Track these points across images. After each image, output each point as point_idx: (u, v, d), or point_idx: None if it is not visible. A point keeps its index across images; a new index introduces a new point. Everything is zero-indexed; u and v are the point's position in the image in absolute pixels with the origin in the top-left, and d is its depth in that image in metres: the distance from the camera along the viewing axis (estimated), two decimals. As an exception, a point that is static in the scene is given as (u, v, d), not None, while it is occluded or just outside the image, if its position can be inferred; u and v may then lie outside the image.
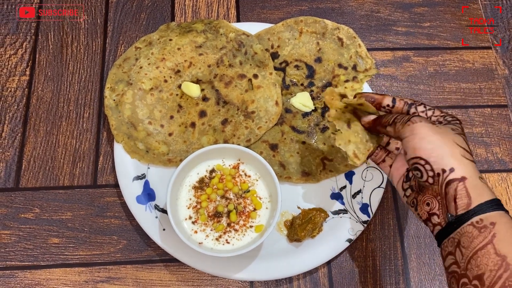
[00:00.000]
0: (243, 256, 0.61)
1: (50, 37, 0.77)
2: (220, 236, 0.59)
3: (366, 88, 0.71)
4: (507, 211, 0.43)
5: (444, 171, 0.44)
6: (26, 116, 0.71)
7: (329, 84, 0.72)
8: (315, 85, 0.72)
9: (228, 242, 0.59)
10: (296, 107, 0.71)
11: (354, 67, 0.73)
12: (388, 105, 0.54)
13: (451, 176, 0.44)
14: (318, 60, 0.74)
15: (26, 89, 0.73)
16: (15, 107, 0.72)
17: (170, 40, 0.73)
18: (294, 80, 0.73)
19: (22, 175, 0.68)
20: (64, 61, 0.75)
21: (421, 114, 0.51)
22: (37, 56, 0.75)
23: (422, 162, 0.45)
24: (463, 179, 0.44)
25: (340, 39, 0.74)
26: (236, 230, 0.60)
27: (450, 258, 0.44)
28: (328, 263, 0.65)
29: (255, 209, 0.61)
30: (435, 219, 0.46)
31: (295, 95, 0.71)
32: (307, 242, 0.64)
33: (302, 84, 0.73)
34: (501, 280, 0.38)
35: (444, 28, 0.82)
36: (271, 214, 0.61)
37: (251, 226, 0.60)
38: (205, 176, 0.63)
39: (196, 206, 0.61)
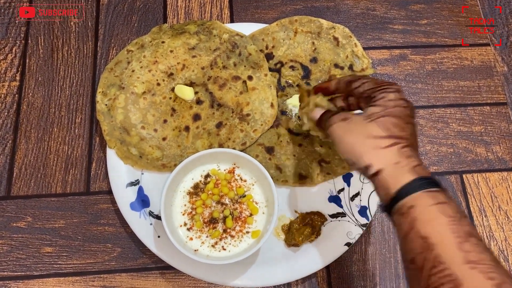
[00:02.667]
0: (240, 263, 0.59)
1: (40, 41, 0.75)
2: (216, 243, 0.58)
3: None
4: (433, 185, 0.42)
5: (366, 168, 0.45)
6: (17, 122, 0.70)
7: (325, 85, 0.71)
8: (311, 86, 0.71)
9: (224, 249, 0.58)
10: (292, 109, 0.69)
11: (351, 67, 0.71)
12: (337, 89, 0.55)
13: (370, 172, 0.45)
14: (314, 60, 0.72)
15: (16, 95, 0.72)
16: (5, 113, 0.70)
17: (163, 42, 0.71)
18: (290, 81, 0.71)
19: (13, 183, 0.67)
20: (54, 65, 0.74)
21: (357, 90, 0.51)
22: (27, 61, 0.74)
23: (350, 162, 0.47)
24: (378, 172, 0.44)
25: (335, 39, 0.72)
26: (232, 236, 0.59)
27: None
28: (327, 267, 0.64)
29: (251, 214, 0.60)
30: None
31: (291, 97, 0.70)
32: (305, 246, 0.62)
33: (298, 85, 0.71)
34: (429, 261, 0.39)
35: (442, 25, 0.80)
36: (268, 219, 0.59)
37: (247, 232, 0.59)
38: (200, 181, 0.62)
39: (191, 212, 0.60)
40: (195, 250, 0.58)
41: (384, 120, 0.46)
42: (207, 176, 0.62)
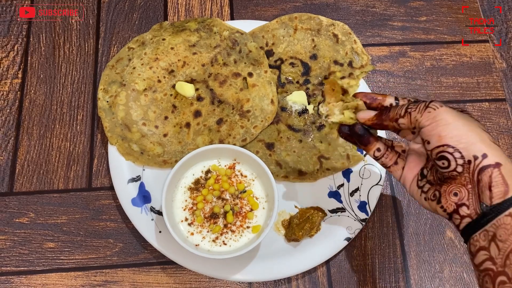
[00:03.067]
0: (241, 257, 0.60)
1: (42, 38, 0.76)
2: (216, 238, 0.59)
3: (362, 84, 0.70)
4: None
5: (476, 157, 0.40)
6: (19, 119, 0.71)
7: (325, 81, 0.71)
8: (310, 83, 0.71)
9: (225, 244, 0.58)
10: (292, 105, 0.70)
11: (350, 64, 0.72)
12: (391, 104, 0.49)
13: (485, 163, 0.40)
14: (314, 57, 0.73)
15: (18, 92, 0.72)
16: (8, 110, 0.71)
17: (163, 39, 0.72)
18: (290, 78, 0.72)
19: (16, 179, 0.67)
20: (56, 63, 0.74)
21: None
22: (29, 58, 0.74)
23: (450, 149, 0.41)
24: (497, 165, 0.39)
25: (335, 36, 0.73)
26: (233, 231, 0.59)
27: (482, 254, 0.39)
28: (327, 262, 0.64)
29: (251, 210, 0.60)
30: (464, 211, 0.41)
31: (290, 93, 0.70)
32: (305, 241, 0.63)
33: (297, 82, 0.72)
34: None
35: (441, 22, 0.81)
36: (268, 214, 0.60)
37: (248, 227, 0.59)
38: (201, 177, 0.62)
39: (192, 207, 0.60)
40: (196, 245, 0.58)
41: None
42: (208, 171, 0.62)
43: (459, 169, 0.41)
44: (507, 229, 0.37)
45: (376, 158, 0.52)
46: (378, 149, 0.51)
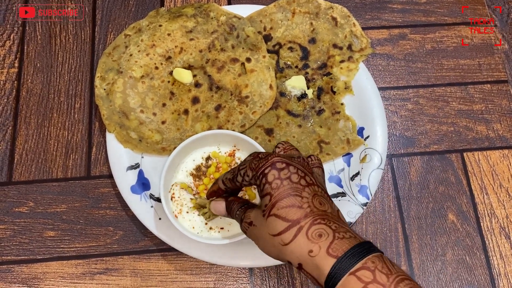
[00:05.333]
0: (242, 243, 0.60)
1: (38, 27, 0.75)
2: (211, 228, 0.58)
3: (362, 68, 0.70)
4: (358, 255, 0.38)
5: (300, 266, 0.40)
6: (17, 109, 0.70)
7: (324, 65, 0.70)
8: (310, 67, 0.71)
9: (222, 228, 0.58)
10: (291, 90, 0.69)
11: (349, 47, 0.71)
12: (226, 188, 0.51)
13: (295, 267, 0.41)
14: (312, 41, 0.72)
15: (15, 82, 0.72)
16: (5, 100, 0.70)
17: (160, 26, 0.71)
18: (288, 63, 0.71)
19: (14, 169, 0.67)
20: (53, 51, 0.74)
21: (243, 184, 0.47)
22: (25, 47, 0.74)
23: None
24: (300, 266, 0.40)
25: (334, 19, 0.72)
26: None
27: None
28: (328, 247, 0.64)
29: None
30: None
31: (289, 78, 0.70)
32: (305, 226, 0.62)
33: (296, 67, 0.71)
34: None
35: (441, 4, 0.79)
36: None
37: None
38: (202, 164, 0.62)
39: (194, 195, 0.60)
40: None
41: (276, 209, 0.41)
42: (208, 158, 0.62)
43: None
44: None
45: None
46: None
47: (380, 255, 0.39)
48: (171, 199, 0.58)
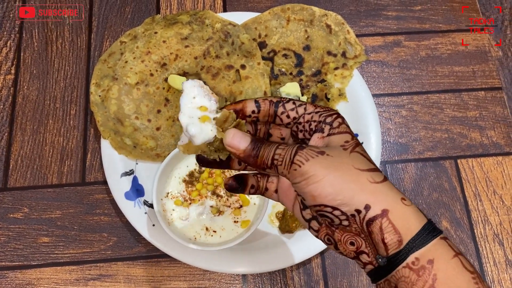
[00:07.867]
0: (235, 250, 0.60)
1: (35, 34, 0.76)
2: (207, 229, 0.59)
3: (356, 74, 0.70)
4: (440, 231, 0.35)
5: (359, 211, 0.35)
6: (13, 115, 0.71)
7: (318, 72, 0.71)
8: (304, 74, 0.71)
9: (215, 231, 0.58)
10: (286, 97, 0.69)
11: (343, 54, 0.71)
12: (253, 111, 0.41)
13: (370, 214, 0.35)
14: (307, 48, 0.72)
15: (11, 88, 0.72)
16: (1, 106, 0.71)
17: (155, 33, 0.71)
18: (283, 70, 0.71)
19: (10, 175, 0.67)
20: (49, 58, 0.74)
21: (290, 112, 0.41)
22: (21, 54, 0.74)
23: (329, 209, 0.36)
24: (384, 213, 0.35)
25: (328, 26, 0.72)
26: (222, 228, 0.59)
27: None
28: (322, 253, 0.64)
29: (241, 206, 0.60)
30: (364, 258, 0.37)
31: (284, 85, 0.70)
32: (299, 233, 0.63)
33: (291, 73, 0.71)
34: None
35: (436, 11, 0.80)
36: (259, 209, 0.60)
37: (236, 222, 0.59)
38: (195, 170, 0.62)
39: (187, 201, 0.60)
40: (189, 239, 0.58)
41: (360, 149, 0.37)
42: (201, 164, 0.62)
43: (345, 223, 0.36)
44: (406, 282, 0.34)
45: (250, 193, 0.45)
46: (252, 186, 0.44)
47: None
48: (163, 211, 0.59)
